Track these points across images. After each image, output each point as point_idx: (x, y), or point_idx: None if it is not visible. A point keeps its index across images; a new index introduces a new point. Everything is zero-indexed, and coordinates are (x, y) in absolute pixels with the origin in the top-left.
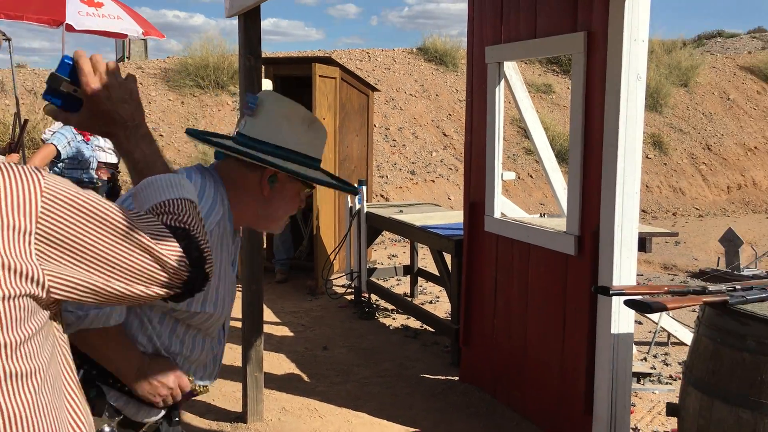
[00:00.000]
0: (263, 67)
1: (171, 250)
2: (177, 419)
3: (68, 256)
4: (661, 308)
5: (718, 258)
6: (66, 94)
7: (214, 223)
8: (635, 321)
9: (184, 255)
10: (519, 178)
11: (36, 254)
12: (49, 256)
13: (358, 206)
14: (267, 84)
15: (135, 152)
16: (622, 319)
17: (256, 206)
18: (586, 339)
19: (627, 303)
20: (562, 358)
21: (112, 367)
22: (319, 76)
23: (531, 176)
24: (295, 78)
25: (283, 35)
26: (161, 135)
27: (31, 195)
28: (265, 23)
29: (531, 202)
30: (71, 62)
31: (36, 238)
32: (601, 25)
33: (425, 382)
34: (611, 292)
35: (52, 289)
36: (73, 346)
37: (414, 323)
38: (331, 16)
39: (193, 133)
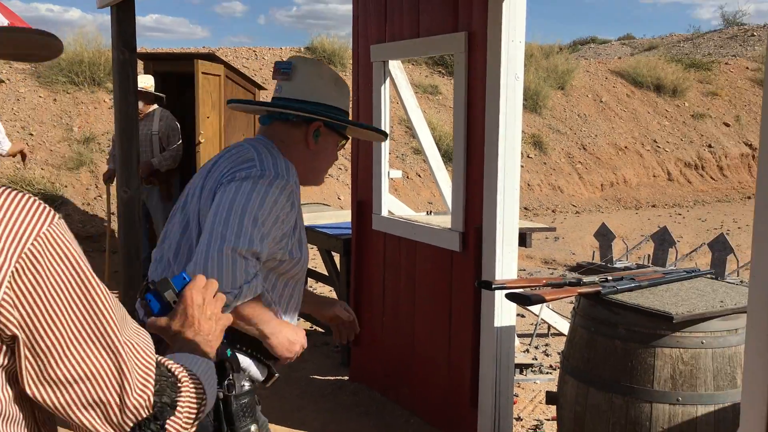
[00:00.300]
0: (144, 62)
1: (142, 391)
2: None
3: (28, 313)
4: (540, 300)
5: (593, 252)
6: (166, 302)
7: (293, 179)
8: (518, 314)
9: (149, 405)
10: (407, 177)
11: (3, 294)
12: (11, 304)
13: None
14: (148, 79)
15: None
16: (504, 312)
17: (305, 160)
18: (472, 333)
19: (508, 296)
20: (449, 353)
21: (257, 331)
22: (202, 73)
23: (419, 175)
24: (178, 75)
25: (166, 32)
26: (31, 134)
27: (28, 228)
28: (147, 19)
29: (419, 200)
30: (188, 280)
31: (10, 276)
32: (480, 26)
33: (315, 383)
34: (493, 286)
35: None
36: None
37: (303, 324)
38: (217, 14)
39: (236, 102)
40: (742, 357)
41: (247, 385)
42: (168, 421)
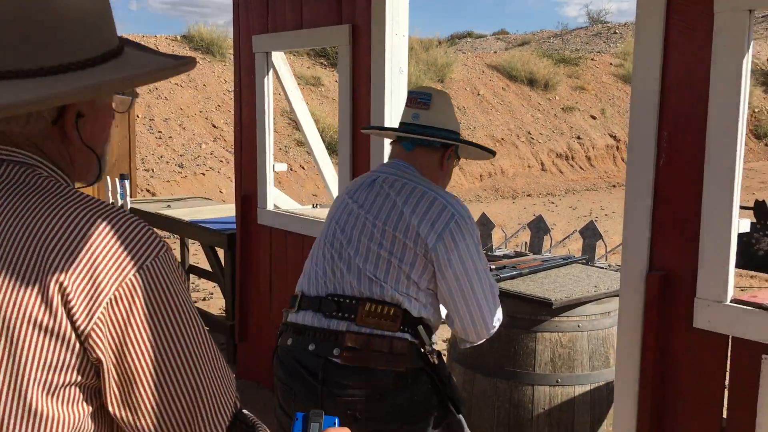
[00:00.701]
0: None
1: (217, 427)
2: None
3: (118, 340)
4: None
5: None
6: None
7: None
8: None
9: None
10: (291, 169)
11: (97, 319)
12: (103, 329)
13: (120, 202)
14: None
15: None
16: None
17: (437, 181)
18: None
19: None
20: None
21: None
22: None
23: (303, 168)
24: None
25: None
26: None
27: (134, 258)
28: None
29: (304, 193)
30: (336, 425)
31: (107, 302)
32: (364, 19)
33: None
34: None
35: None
36: None
37: None
38: None
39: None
40: (615, 338)
41: None
42: None
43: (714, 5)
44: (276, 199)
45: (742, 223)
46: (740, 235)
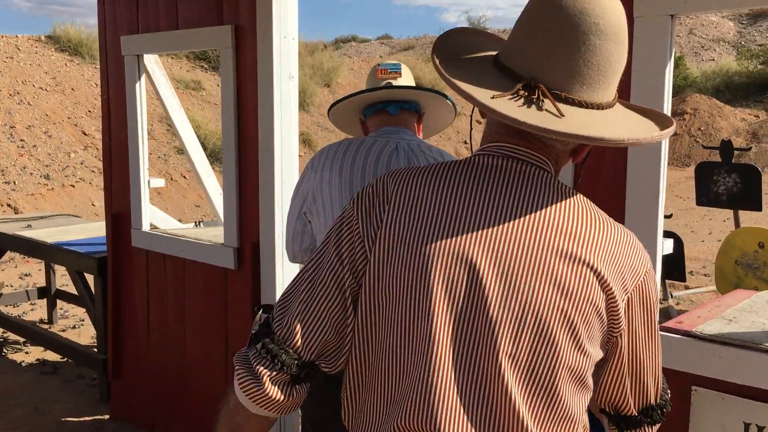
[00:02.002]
0: None
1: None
2: None
3: (630, 326)
4: None
5: None
6: None
7: None
8: None
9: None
10: (172, 179)
11: (622, 309)
12: (621, 315)
13: None
14: None
15: None
16: None
17: None
18: None
19: (259, 308)
20: (227, 378)
21: None
22: None
23: (184, 177)
24: None
25: None
26: None
27: (644, 264)
28: None
29: (186, 204)
30: None
31: (627, 298)
32: (249, 20)
33: (69, 426)
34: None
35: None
36: None
37: (53, 356)
38: None
39: (403, 87)
40: None
41: None
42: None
43: (634, 10)
44: (152, 217)
45: (666, 244)
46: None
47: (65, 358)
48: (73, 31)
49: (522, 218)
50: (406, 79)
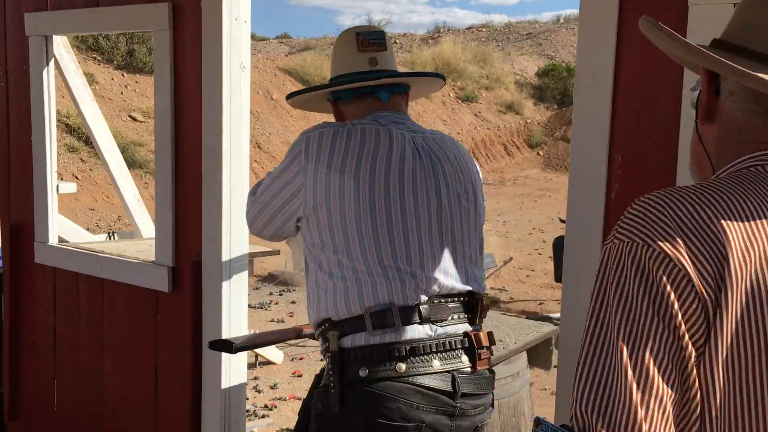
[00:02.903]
0: None
1: None
2: None
3: None
4: (265, 343)
5: (285, 261)
6: None
7: None
8: None
9: None
10: (61, 179)
11: None
12: None
13: None
14: None
15: None
16: (233, 368)
17: None
18: (190, 397)
19: (213, 345)
20: (156, 422)
21: None
22: None
23: (77, 177)
24: None
25: None
26: None
27: None
28: None
29: (79, 208)
30: None
31: None
32: None
33: None
34: (235, 347)
35: None
36: None
37: None
38: None
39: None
40: (524, 403)
41: None
42: None
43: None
44: (60, 228)
45: None
46: (561, 249)
47: None
48: None
49: None
50: (389, 52)
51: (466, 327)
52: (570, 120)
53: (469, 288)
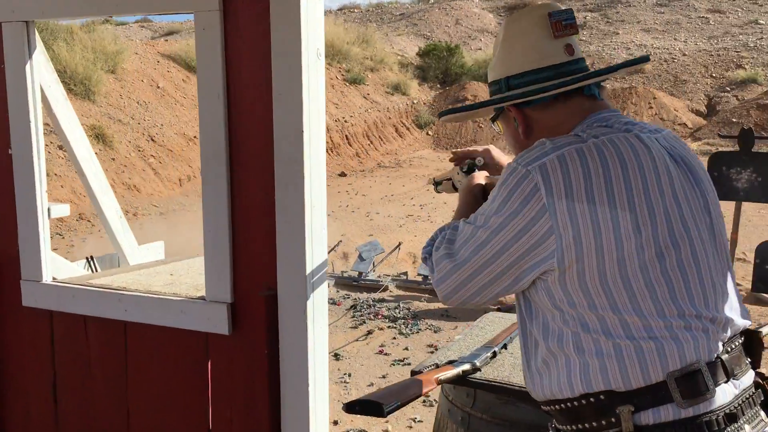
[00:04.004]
0: None
1: None
2: None
3: None
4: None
5: None
6: None
7: None
8: None
9: None
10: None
11: None
12: None
13: None
14: None
15: None
16: (319, 423)
17: None
18: None
19: (352, 407)
20: None
21: None
22: None
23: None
24: None
25: None
26: None
27: None
28: None
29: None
30: None
31: None
32: None
33: None
34: (387, 408)
35: None
36: None
37: None
38: None
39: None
40: None
41: None
42: None
43: None
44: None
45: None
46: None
47: None
48: None
49: None
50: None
51: (752, 374)
52: (456, 99)
53: (748, 323)
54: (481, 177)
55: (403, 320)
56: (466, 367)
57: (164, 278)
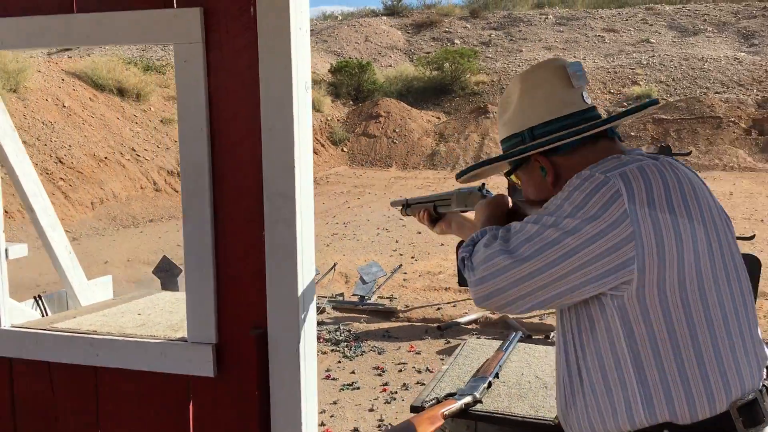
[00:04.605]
0: None
1: None
2: None
3: None
4: None
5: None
6: None
7: None
8: None
9: None
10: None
11: None
12: None
13: None
14: None
15: None
16: None
17: None
18: None
19: None
20: None
21: None
22: None
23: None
24: None
25: None
26: None
27: None
28: None
29: None
30: None
31: None
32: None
33: None
34: None
35: None
36: None
37: None
38: None
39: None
40: None
41: None
42: None
43: None
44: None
45: None
46: None
47: None
48: None
49: None
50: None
51: None
52: (369, 115)
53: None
54: (504, 196)
55: (345, 343)
56: (468, 399)
57: (133, 318)
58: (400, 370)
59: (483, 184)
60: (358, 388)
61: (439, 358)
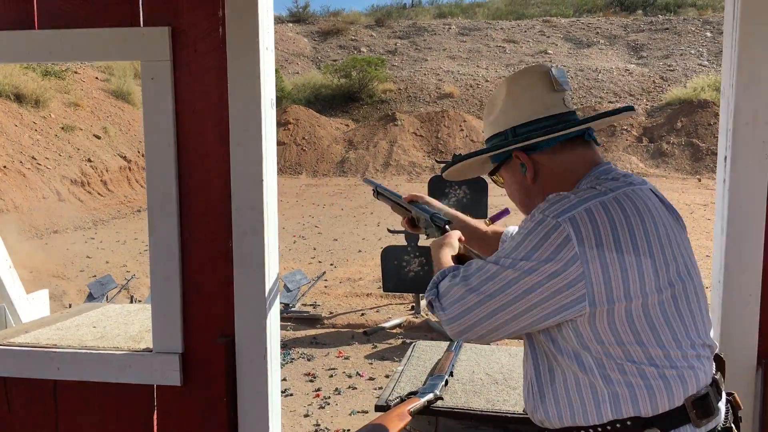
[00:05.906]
0: None
1: None
2: None
3: None
4: None
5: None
6: None
7: None
8: None
9: None
10: None
11: None
12: None
13: None
14: None
15: None
16: None
17: None
18: None
19: None
20: None
21: None
22: None
23: None
24: None
25: None
26: None
27: None
28: None
29: None
30: None
31: None
32: (199, 18)
33: None
34: None
35: None
36: None
37: None
38: None
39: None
40: None
41: None
42: None
43: None
44: None
45: None
46: (390, 259)
47: None
48: None
49: None
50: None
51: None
52: (278, 122)
53: (717, 345)
54: (456, 238)
55: None
56: (430, 396)
57: (90, 331)
58: (331, 376)
59: (448, 221)
60: (292, 395)
61: (368, 363)
